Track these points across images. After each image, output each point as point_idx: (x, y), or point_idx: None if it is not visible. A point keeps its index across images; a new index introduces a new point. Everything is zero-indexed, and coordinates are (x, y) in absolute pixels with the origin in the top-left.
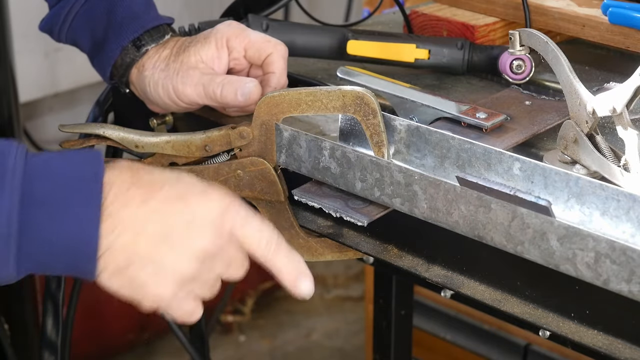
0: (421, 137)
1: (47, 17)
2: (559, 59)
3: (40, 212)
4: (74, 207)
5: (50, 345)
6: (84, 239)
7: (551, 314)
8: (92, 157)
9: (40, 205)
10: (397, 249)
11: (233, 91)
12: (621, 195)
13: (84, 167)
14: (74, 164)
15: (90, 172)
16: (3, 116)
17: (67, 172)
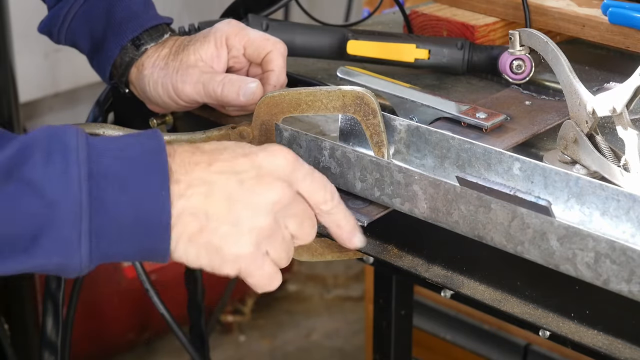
0: (421, 137)
1: (46, 19)
2: (559, 59)
3: (109, 185)
4: (141, 178)
5: (50, 345)
6: (155, 208)
7: (551, 314)
8: (151, 131)
9: (108, 179)
10: (397, 249)
11: (235, 91)
12: (621, 195)
13: (146, 140)
14: (135, 138)
15: (153, 144)
16: (3, 116)
17: (129, 146)
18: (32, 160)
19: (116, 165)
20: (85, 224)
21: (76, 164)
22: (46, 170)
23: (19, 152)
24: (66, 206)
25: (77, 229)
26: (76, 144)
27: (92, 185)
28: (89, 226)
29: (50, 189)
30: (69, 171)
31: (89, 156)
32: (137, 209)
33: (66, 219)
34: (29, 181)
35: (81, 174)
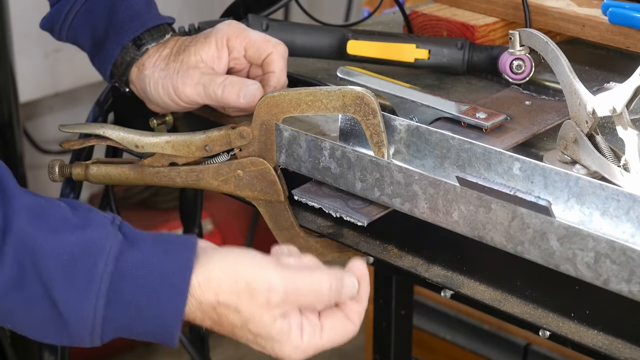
0: (421, 137)
1: (48, 15)
2: (559, 59)
3: (124, 312)
4: (157, 312)
5: (50, 345)
6: (166, 333)
7: (551, 314)
8: (183, 261)
9: (124, 307)
10: (397, 249)
11: (235, 92)
12: (621, 195)
13: (173, 273)
14: (164, 265)
15: (178, 280)
16: (3, 116)
17: (153, 275)
18: (56, 278)
19: (137, 294)
20: (96, 338)
21: (95, 295)
22: (66, 293)
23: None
24: (79, 327)
25: (86, 341)
26: (102, 272)
27: (108, 311)
28: (99, 339)
29: (67, 310)
30: (88, 300)
31: (111, 283)
32: (148, 331)
33: (76, 334)
34: (49, 290)
35: (98, 305)
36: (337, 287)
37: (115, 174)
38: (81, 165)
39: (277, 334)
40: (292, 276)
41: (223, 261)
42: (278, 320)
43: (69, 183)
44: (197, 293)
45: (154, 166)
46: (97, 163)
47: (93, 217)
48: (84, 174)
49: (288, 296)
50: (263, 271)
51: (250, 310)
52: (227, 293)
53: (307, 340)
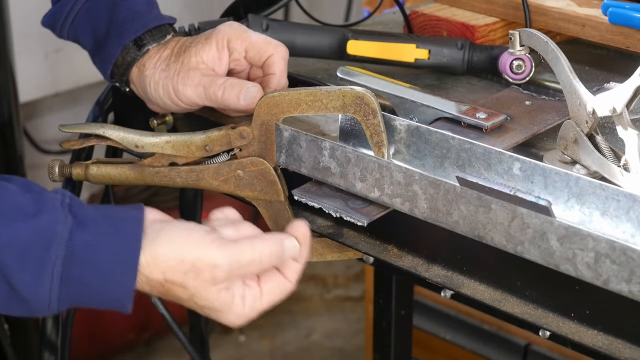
0: (421, 137)
1: (50, 13)
2: (559, 59)
3: (78, 289)
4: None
5: (50, 345)
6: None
7: (551, 314)
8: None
9: (79, 285)
10: (397, 249)
11: (235, 94)
12: (621, 195)
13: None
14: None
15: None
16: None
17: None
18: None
19: (88, 274)
20: (53, 310)
21: (49, 279)
22: (23, 277)
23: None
24: (37, 305)
25: (45, 313)
26: (54, 257)
27: (63, 291)
28: (57, 309)
29: (24, 292)
30: (43, 282)
31: (64, 266)
32: (102, 304)
33: (36, 310)
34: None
35: (53, 285)
36: (277, 251)
37: (115, 174)
38: (81, 165)
39: (220, 305)
40: (234, 251)
41: (170, 241)
42: (222, 293)
43: (69, 183)
44: (146, 270)
45: (154, 166)
46: (97, 163)
47: (44, 200)
48: (84, 174)
49: (232, 271)
50: (207, 251)
51: (195, 286)
52: (173, 272)
53: (249, 306)
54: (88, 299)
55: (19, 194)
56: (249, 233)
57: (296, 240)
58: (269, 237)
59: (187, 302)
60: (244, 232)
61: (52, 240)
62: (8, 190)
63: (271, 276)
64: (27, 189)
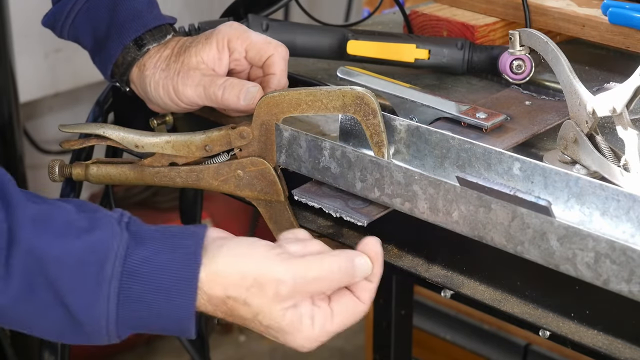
0: (421, 137)
1: (50, 12)
2: (559, 59)
3: (137, 309)
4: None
5: (50, 345)
6: (181, 327)
7: (551, 314)
8: (191, 253)
9: (137, 303)
10: (397, 249)
11: (235, 94)
12: (621, 195)
13: (181, 266)
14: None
15: (186, 272)
16: (3, 116)
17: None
18: (67, 283)
19: (147, 293)
20: (112, 336)
21: (106, 297)
22: (78, 297)
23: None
24: (94, 328)
25: (103, 340)
26: (110, 276)
27: (120, 310)
28: (115, 336)
29: (80, 314)
30: (99, 302)
31: (121, 284)
32: (163, 326)
33: (92, 334)
34: (61, 296)
35: (110, 306)
36: (347, 269)
37: (115, 174)
38: (81, 165)
39: (287, 326)
40: (300, 266)
41: (230, 255)
42: (288, 312)
43: (69, 183)
44: (206, 287)
45: (154, 166)
46: (97, 163)
47: (99, 217)
48: (84, 174)
49: (297, 287)
50: (270, 265)
51: (259, 304)
52: (235, 287)
53: (319, 328)
54: (147, 321)
55: (73, 212)
56: (317, 250)
57: (367, 258)
58: (338, 254)
59: (251, 322)
60: (311, 249)
61: (108, 256)
62: (62, 208)
63: (342, 296)
64: (82, 208)
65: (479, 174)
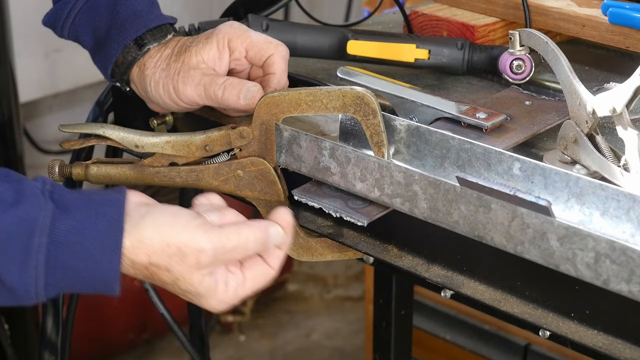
0: (421, 137)
1: (51, 12)
2: (559, 59)
3: (64, 276)
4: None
5: (50, 345)
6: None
7: (551, 314)
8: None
9: (64, 271)
10: (397, 249)
11: (235, 94)
12: (621, 195)
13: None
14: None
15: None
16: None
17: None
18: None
19: (73, 261)
20: (40, 298)
21: (34, 267)
22: (6, 265)
23: None
24: (23, 293)
25: (32, 301)
26: (37, 245)
27: (48, 277)
28: (43, 297)
29: (8, 280)
30: (28, 270)
31: (48, 253)
32: (89, 289)
33: (22, 298)
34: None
35: (38, 273)
36: (262, 238)
37: (115, 174)
38: (81, 165)
39: (204, 290)
40: (220, 236)
41: (156, 224)
42: (206, 278)
43: (69, 183)
44: (130, 253)
45: (154, 166)
46: (97, 163)
47: (24, 188)
48: (84, 174)
49: (217, 256)
50: (193, 235)
51: (180, 270)
52: (159, 255)
53: (232, 292)
54: (75, 284)
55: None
56: (233, 219)
57: (280, 228)
58: (254, 224)
59: (170, 286)
60: (228, 218)
61: (34, 228)
62: None
63: (254, 263)
64: (6, 178)
65: (479, 174)
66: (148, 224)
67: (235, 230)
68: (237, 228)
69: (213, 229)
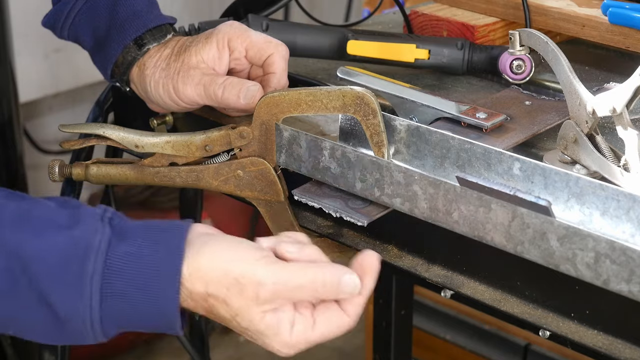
0: (421, 137)
1: (50, 13)
2: (559, 59)
3: (120, 303)
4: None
5: (51, 345)
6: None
7: (551, 314)
8: (174, 251)
9: (120, 298)
10: (397, 249)
11: (235, 93)
12: (621, 195)
13: (164, 264)
14: (154, 258)
15: (170, 268)
16: (3, 116)
17: (145, 270)
18: (48, 275)
19: (129, 287)
20: (97, 333)
21: (89, 294)
22: (61, 294)
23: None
24: (77, 323)
25: (88, 337)
26: (92, 270)
27: (104, 304)
28: (100, 333)
29: (63, 310)
30: (83, 297)
31: (103, 279)
32: (149, 323)
33: (77, 331)
34: (44, 295)
35: (93, 301)
36: (332, 284)
37: (115, 174)
38: (81, 165)
39: (265, 329)
40: (283, 272)
41: (215, 252)
42: (267, 315)
43: (69, 183)
44: (188, 282)
45: (154, 166)
46: (97, 163)
47: (81, 213)
48: (84, 174)
49: (277, 292)
50: (252, 267)
51: (238, 304)
52: (216, 285)
53: (297, 335)
54: (132, 317)
55: (54, 208)
56: (311, 256)
57: (356, 277)
58: (327, 267)
59: (230, 322)
60: (306, 253)
61: (89, 252)
62: (42, 204)
63: (327, 308)
64: (64, 204)
65: (479, 174)
66: (207, 252)
67: (302, 269)
68: (305, 266)
69: (276, 262)
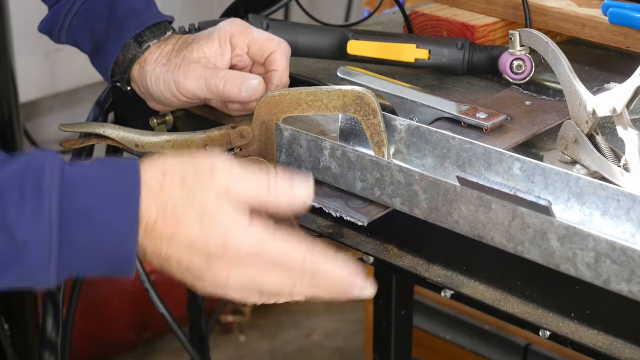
0: (421, 137)
1: (46, 18)
2: (559, 59)
3: (78, 220)
4: (112, 219)
5: (50, 345)
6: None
7: (551, 314)
8: (130, 165)
9: (78, 214)
10: (397, 249)
11: (237, 86)
12: (621, 195)
13: (120, 176)
14: (111, 171)
15: (127, 181)
16: (3, 116)
17: (104, 181)
18: (5, 200)
19: (88, 200)
20: (54, 259)
21: (48, 206)
22: (18, 212)
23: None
24: (36, 246)
25: (45, 264)
26: (50, 184)
27: (63, 223)
28: (57, 261)
29: (21, 231)
30: (41, 213)
31: (62, 194)
32: (105, 245)
33: (35, 257)
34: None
35: (52, 216)
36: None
37: None
38: None
39: (224, 217)
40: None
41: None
42: (225, 204)
43: None
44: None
45: None
46: None
47: (30, 152)
48: None
49: (231, 173)
50: (207, 156)
51: (193, 181)
52: (172, 165)
53: (256, 232)
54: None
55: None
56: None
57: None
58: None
59: (183, 202)
60: None
61: (44, 166)
62: None
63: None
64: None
65: (479, 174)
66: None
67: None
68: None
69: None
